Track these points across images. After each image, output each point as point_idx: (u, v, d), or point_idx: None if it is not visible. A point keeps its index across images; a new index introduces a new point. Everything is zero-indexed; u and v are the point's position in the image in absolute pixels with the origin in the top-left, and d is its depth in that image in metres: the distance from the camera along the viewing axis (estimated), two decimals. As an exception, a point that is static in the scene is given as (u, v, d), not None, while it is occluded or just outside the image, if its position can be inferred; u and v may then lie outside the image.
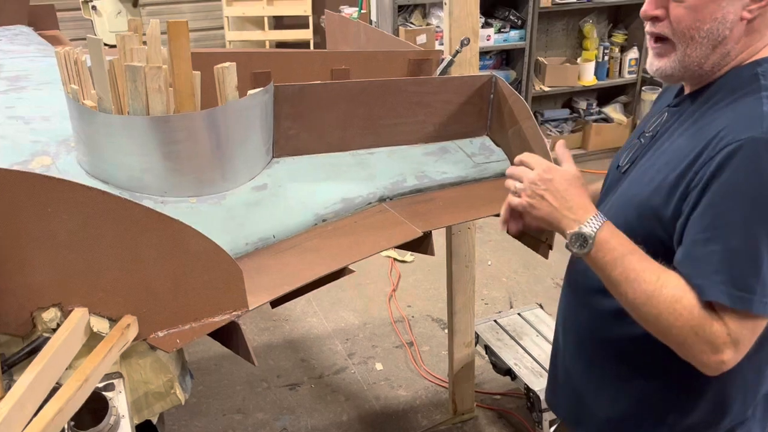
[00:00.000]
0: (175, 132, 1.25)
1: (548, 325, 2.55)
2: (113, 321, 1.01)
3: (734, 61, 1.03)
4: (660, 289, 0.97)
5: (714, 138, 0.97)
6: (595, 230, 1.01)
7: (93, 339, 1.00)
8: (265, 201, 1.36)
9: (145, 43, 1.35)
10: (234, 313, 1.07)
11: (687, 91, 1.12)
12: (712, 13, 0.98)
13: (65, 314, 0.99)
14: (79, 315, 0.98)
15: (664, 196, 1.02)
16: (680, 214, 0.99)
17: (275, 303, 1.23)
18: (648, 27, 1.06)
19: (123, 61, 1.29)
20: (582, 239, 1.01)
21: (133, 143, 1.25)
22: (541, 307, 2.73)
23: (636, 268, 0.99)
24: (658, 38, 1.05)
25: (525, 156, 1.13)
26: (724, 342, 0.94)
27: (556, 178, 1.07)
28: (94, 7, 5.28)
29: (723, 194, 0.94)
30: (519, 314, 2.63)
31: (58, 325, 0.99)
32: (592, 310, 1.20)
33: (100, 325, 1.00)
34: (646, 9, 1.04)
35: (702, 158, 0.97)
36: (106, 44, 1.31)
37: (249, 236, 1.27)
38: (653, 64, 1.08)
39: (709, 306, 0.95)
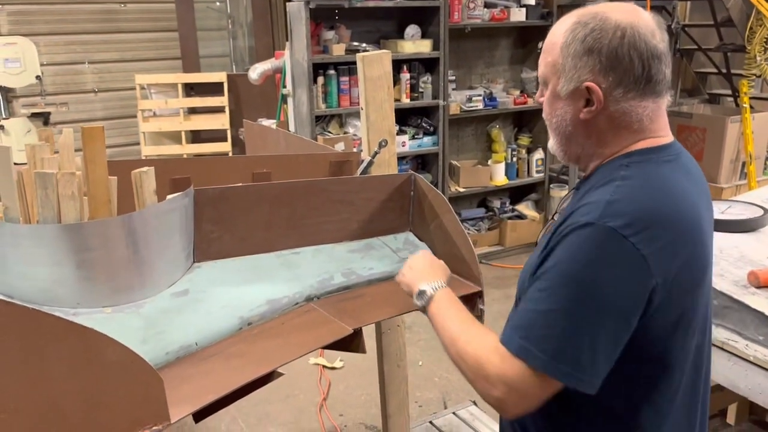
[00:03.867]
0: (90, 239, 1.20)
1: (484, 422, 2.50)
2: (15, 448, 0.91)
3: (601, 156, 1.11)
4: (469, 330, 1.13)
5: (567, 218, 1.05)
6: (434, 290, 1.24)
7: (-10, 471, 0.89)
8: (186, 307, 1.30)
9: (56, 152, 1.32)
10: (154, 427, 0.98)
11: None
12: (555, 110, 1.12)
13: (-42, 445, 0.89)
14: (-26, 444, 0.88)
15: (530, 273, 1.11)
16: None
17: (200, 415, 1.15)
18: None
19: (33, 171, 1.24)
20: (422, 293, 1.25)
21: (42, 253, 1.18)
22: (476, 404, 2.69)
23: (455, 320, 1.16)
24: None
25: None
26: (497, 380, 1.03)
27: (422, 260, 1.34)
28: (1, 127, 5.16)
29: (551, 267, 1.02)
30: (454, 413, 2.58)
31: (-51, 458, 0.87)
32: None
33: (-1, 454, 0.90)
34: (537, 97, 1.20)
35: (555, 236, 1.05)
36: (15, 163, 1.26)
37: (169, 345, 1.20)
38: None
39: (501, 351, 1.04)
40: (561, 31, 1.08)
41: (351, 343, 1.39)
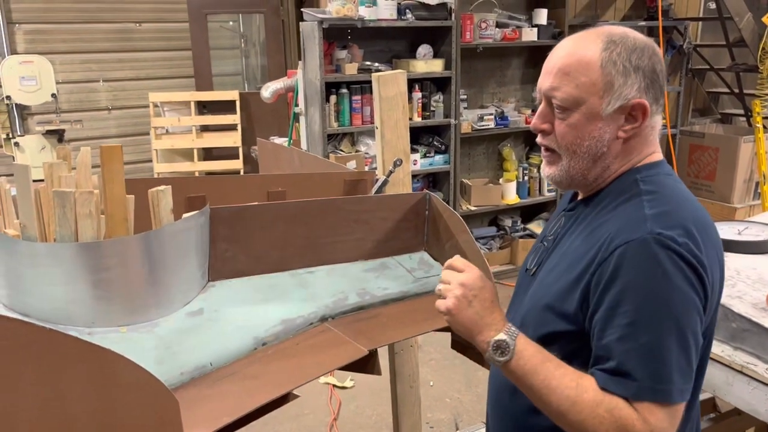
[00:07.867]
0: (106, 258, 1.20)
1: (497, 445, 2.47)
2: (29, 470, 0.90)
3: (610, 173, 1.11)
4: (581, 395, 0.99)
5: (604, 242, 1.03)
6: (514, 338, 1.04)
7: (4, 493, 0.88)
8: (201, 327, 1.30)
9: (74, 168, 1.32)
10: (169, 450, 0.97)
11: (581, 196, 1.19)
12: (590, 132, 1.06)
13: (-28, 466, 0.88)
14: (-11, 465, 0.87)
15: (567, 297, 1.06)
16: (585, 314, 1.04)
17: (214, 437, 1.14)
18: (539, 138, 1.14)
19: (50, 189, 1.25)
20: (504, 346, 1.03)
21: (59, 272, 1.18)
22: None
23: (556, 374, 1.01)
24: (547, 148, 1.13)
25: (455, 260, 1.12)
26: None
27: (488, 287, 1.09)
28: (16, 144, 5.21)
29: (623, 294, 0.98)
30: (467, 436, 2.54)
31: (-37, 480, 0.86)
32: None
33: (13, 475, 0.89)
34: (536, 123, 1.12)
35: (596, 261, 1.02)
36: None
37: (184, 365, 1.19)
38: (545, 170, 1.16)
39: (628, 403, 0.97)
40: (594, 50, 1.05)
41: (366, 364, 1.38)
